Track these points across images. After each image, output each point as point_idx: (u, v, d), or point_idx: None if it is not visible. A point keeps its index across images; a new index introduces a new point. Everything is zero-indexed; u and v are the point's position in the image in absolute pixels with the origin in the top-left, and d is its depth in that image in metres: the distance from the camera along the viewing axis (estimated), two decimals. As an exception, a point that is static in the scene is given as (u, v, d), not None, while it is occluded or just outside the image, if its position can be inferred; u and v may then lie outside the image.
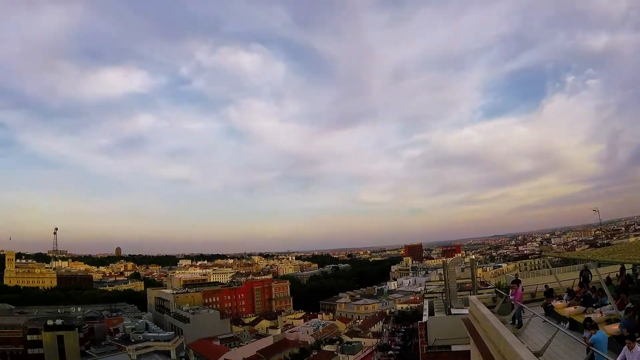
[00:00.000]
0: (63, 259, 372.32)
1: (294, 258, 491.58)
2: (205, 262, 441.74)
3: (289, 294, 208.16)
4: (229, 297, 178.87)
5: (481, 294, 35.21)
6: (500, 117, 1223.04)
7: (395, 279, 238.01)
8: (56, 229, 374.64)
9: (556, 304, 19.93)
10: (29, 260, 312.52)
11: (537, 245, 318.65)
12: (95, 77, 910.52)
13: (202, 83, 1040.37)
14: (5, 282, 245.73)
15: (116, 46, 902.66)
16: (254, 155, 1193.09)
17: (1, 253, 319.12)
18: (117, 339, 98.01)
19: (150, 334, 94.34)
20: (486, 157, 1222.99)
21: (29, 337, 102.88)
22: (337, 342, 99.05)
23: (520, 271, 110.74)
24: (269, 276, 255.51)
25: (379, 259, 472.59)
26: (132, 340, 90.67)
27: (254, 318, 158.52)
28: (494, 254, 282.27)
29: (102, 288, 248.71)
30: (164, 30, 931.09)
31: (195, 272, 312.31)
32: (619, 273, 23.12)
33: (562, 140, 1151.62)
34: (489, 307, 20.01)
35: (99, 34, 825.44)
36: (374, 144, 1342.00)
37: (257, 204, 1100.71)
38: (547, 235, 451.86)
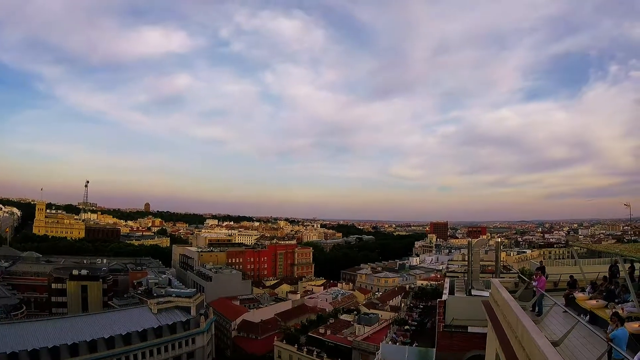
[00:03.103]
0: (92, 212, 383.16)
1: (319, 225, 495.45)
2: (232, 223, 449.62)
3: (311, 261, 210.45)
4: (252, 259, 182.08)
5: (503, 278, 35.13)
6: (540, 101, 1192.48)
7: (418, 255, 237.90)
8: (87, 181, 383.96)
9: (578, 295, 19.74)
10: (59, 211, 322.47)
11: (564, 234, 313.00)
12: (136, 35, 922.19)
13: (241, 46, 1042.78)
14: (35, 231, 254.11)
15: (157, 5, 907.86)
16: (287, 120, 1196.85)
17: (32, 203, 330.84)
18: (139, 292, 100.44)
19: (172, 290, 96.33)
20: (521, 140, 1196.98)
21: (53, 286, 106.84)
22: (355, 312, 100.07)
23: (544, 259, 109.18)
24: (293, 241, 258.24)
25: (404, 233, 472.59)
26: (155, 294, 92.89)
27: (275, 282, 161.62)
28: (519, 239, 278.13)
29: (128, 242, 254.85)
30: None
31: (221, 232, 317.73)
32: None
33: (599, 130, 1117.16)
34: (510, 292, 19.94)
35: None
36: (409, 117, 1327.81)
37: (288, 169, 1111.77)
38: (575, 225, 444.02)
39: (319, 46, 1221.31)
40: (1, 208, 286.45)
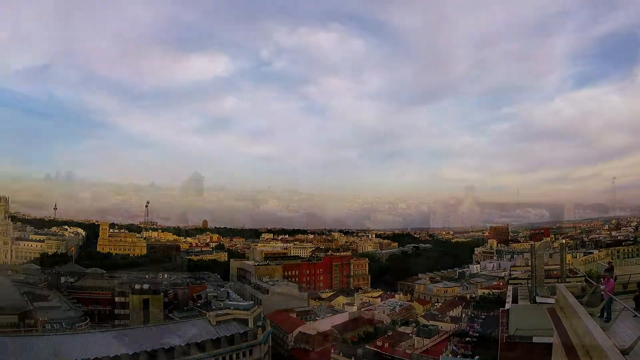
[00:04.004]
0: (153, 230, 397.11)
1: (373, 236, 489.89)
2: (287, 236, 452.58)
3: (367, 272, 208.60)
4: (307, 272, 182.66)
5: (569, 282, 33.11)
6: (592, 86, 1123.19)
7: (478, 262, 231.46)
8: (148, 202, 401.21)
9: (648, 297, 18.13)
10: (122, 230, 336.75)
11: (632, 230, 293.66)
12: (184, 63, 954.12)
13: (282, 64, 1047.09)
14: (99, 249, 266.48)
15: (200, 32, 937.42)
16: (334, 132, 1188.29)
17: (96, 223, 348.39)
18: (199, 304, 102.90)
19: (230, 302, 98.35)
20: (578, 130, 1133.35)
21: (116, 299, 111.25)
22: (413, 324, 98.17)
23: (613, 259, 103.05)
24: (348, 253, 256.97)
25: (462, 240, 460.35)
26: (213, 307, 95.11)
27: (331, 293, 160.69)
28: (585, 239, 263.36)
29: (188, 257, 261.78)
30: (242, 14, 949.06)
31: (276, 246, 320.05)
32: None
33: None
34: (577, 297, 18.60)
35: (185, 23, 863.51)
36: (458, 117, 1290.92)
37: (338, 180, 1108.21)
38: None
39: (358, 55, 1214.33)
40: (66, 229, 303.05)
